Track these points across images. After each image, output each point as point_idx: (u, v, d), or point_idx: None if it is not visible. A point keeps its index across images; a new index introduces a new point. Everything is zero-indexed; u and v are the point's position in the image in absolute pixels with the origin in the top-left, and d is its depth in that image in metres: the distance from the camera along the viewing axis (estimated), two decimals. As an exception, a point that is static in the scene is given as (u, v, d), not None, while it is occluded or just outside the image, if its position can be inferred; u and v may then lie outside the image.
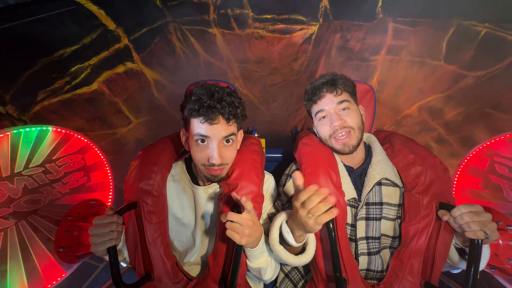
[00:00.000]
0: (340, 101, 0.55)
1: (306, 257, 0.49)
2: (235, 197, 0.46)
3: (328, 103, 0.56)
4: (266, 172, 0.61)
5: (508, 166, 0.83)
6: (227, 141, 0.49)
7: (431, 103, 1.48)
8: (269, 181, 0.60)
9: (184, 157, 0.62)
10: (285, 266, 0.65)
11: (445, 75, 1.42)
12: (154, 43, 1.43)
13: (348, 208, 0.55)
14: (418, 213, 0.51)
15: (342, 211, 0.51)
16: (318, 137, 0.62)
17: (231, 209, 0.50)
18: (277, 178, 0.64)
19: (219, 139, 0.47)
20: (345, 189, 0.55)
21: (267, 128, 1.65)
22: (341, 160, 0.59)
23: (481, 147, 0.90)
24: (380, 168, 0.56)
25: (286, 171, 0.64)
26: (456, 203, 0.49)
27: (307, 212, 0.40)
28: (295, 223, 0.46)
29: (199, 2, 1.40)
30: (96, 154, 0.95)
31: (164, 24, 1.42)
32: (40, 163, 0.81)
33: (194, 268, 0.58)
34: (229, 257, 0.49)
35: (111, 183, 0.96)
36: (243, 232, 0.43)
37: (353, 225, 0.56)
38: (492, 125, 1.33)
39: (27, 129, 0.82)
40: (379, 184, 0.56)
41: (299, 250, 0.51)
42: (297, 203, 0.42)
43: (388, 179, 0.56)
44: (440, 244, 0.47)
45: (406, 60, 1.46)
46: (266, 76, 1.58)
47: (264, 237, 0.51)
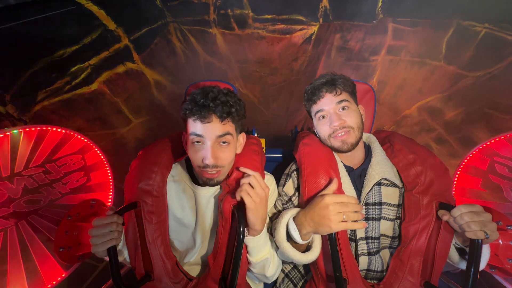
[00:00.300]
0: (340, 101, 0.55)
1: (313, 255, 0.49)
2: (244, 171, 0.49)
3: (328, 103, 0.56)
4: (267, 173, 0.61)
5: (508, 166, 0.83)
6: (223, 142, 0.48)
7: (431, 103, 1.48)
8: (270, 182, 0.60)
9: (185, 157, 0.62)
10: (285, 266, 0.65)
11: (445, 75, 1.43)
12: (154, 43, 1.43)
13: (348, 208, 0.56)
14: (418, 213, 0.51)
15: None
16: (318, 137, 0.62)
17: (232, 209, 0.50)
18: (277, 178, 0.64)
19: (213, 139, 0.46)
20: (345, 189, 0.55)
21: (267, 128, 1.65)
22: (341, 160, 0.59)
23: (481, 147, 0.90)
24: (380, 169, 0.56)
25: (286, 171, 0.64)
26: (456, 203, 0.49)
27: (339, 212, 0.44)
28: (308, 219, 0.47)
29: (199, 2, 1.41)
30: (96, 154, 0.95)
31: (164, 24, 1.42)
32: (40, 163, 0.81)
33: (194, 268, 0.59)
34: (229, 257, 0.49)
35: (111, 183, 0.96)
36: (255, 198, 0.46)
37: (353, 225, 0.56)
38: (492, 125, 1.33)
39: (27, 129, 0.82)
40: (379, 185, 0.57)
41: (305, 248, 0.51)
42: (331, 200, 0.45)
43: (388, 180, 0.56)
44: (440, 244, 0.47)
45: (406, 60, 1.47)
46: (266, 76, 1.58)
47: (267, 234, 0.51)
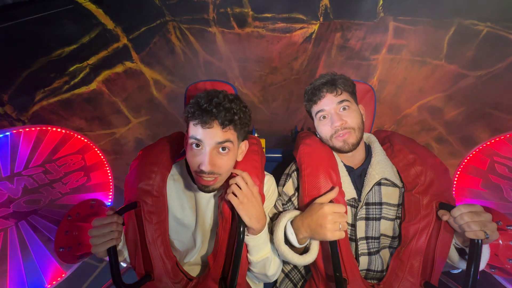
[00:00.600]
0: (340, 101, 0.55)
1: (311, 257, 0.49)
2: (234, 173, 0.49)
3: (328, 103, 0.56)
4: (267, 173, 0.60)
5: (508, 166, 0.83)
6: (223, 149, 0.46)
7: (432, 103, 1.48)
8: (270, 182, 0.60)
9: (185, 157, 0.62)
10: (285, 266, 0.65)
11: (446, 75, 1.42)
12: (153, 43, 1.42)
13: (348, 208, 0.56)
14: (418, 213, 0.51)
15: None
16: (319, 137, 0.62)
17: (231, 209, 0.50)
18: (277, 178, 0.64)
19: (212, 145, 0.45)
20: (345, 189, 0.55)
21: (267, 128, 1.64)
22: (341, 160, 0.59)
23: (481, 147, 0.90)
24: (380, 168, 0.56)
25: (286, 171, 0.64)
26: (456, 203, 0.49)
27: (336, 222, 0.45)
28: (305, 225, 0.47)
29: (199, 1, 1.40)
30: (96, 154, 0.95)
31: (163, 23, 1.41)
32: (40, 163, 0.81)
33: (194, 268, 0.59)
34: (229, 257, 0.49)
35: (111, 183, 0.96)
36: (242, 198, 0.46)
37: (353, 225, 0.56)
38: (493, 125, 1.33)
39: (27, 129, 0.82)
40: (379, 184, 0.57)
41: (303, 250, 0.51)
42: (330, 209, 0.46)
43: (388, 179, 0.56)
44: (440, 244, 0.47)
45: (407, 60, 1.46)
46: (266, 75, 1.57)
47: (268, 234, 0.51)
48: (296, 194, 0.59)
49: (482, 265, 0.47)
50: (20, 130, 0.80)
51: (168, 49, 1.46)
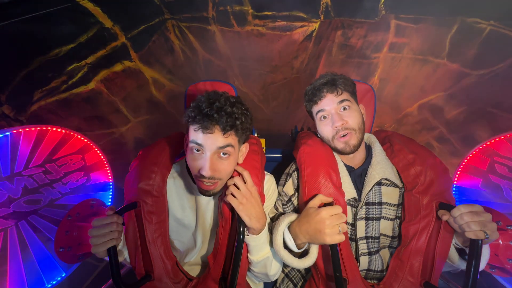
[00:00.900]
0: (341, 101, 0.55)
1: (310, 260, 0.50)
2: (236, 171, 0.49)
3: (329, 103, 0.55)
4: (267, 173, 0.60)
5: (508, 166, 0.82)
6: (223, 154, 0.46)
7: (433, 102, 1.47)
8: (270, 182, 0.60)
9: (185, 157, 0.61)
10: (286, 266, 0.65)
11: (448, 74, 1.41)
12: (152, 41, 1.41)
13: (349, 208, 0.56)
14: (418, 213, 0.51)
15: (342, 211, 0.51)
16: (319, 137, 0.62)
17: (231, 210, 0.50)
18: (277, 178, 0.64)
19: (213, 150, 0.45)
20: (345, 189, 0.55)
21: (267, 127, 1.64)
22: (342, 160, 0.59)
23: (481, 147, 0.90)
24: (380, 169, 0.56)
25: (286, 171, 0.64)
26: (456, 203, 0.49)
27: (335, 225, 0.45)
28: (302, 231, 0.48)
29: (198, -1, 1.38)
30: (96, 154, 0.95)
31: (162, 22, 1.40)
32: (40, 163, 0.81)
33: (194, 268, 0.59)
34: (229, 257, 0.50)
35: (111, 183, 0.96)
36: (241, 199, 0.46)
37: (353, 225, 0.56)
38: (495, 125, 1.32)
39: (27, 129, 0.81)
40: (379, 184, 0.57)
41: (302, 253, 0.51)
42: (327, 213, 0.46)
43: (388, 179, 0.56)
44: (440, 244, 0.47)
45: (408, 58, 1.44)
46: (266, 74, 1.56)
47: (268, 234, 0.52)
48: (296, 194, 0.59)
49: (482, 266, 0.47)
50: (20, 130, 0.80)
51: (167, 48, 1.44)
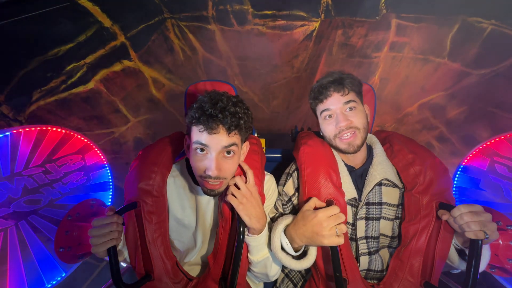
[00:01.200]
0: (347, 101, 0.54)
1: (308, 262, 0.49)
2: (240, 166, 0.50)
3: (335, 103, 0.55)
4: (267, 173, 0.60)
5: (508, 166, 0.82)
6: (228, 153, 0.46)
7: (433, 101, 1.46)
8: (270, 182, 0.60)
9: (185, 157, 0.61)
10: (285, 267, 0.65)
11: (449, 73, 1.40)
12: (152, 40, 1.40)
13: (349, 208, 0.56)
14: (418, 213, 0.51)
15: (342, 211, 0.51)
16: (322, 135, 0.61)
17: (231, 209, 0.50)
18: (277, 178, 0.64)
19: (218, 150, 0.45)
20: (346, 189, 0.55)
21: (267, 126, 1.63)
22: (342, 160, 0.59)
23: (481, 147, 0.90)
24: (381, 169, 0.56)
25: (287, 170, 0.64)
26: (456, 203, 0.49)
27: (332, 227, 0.44)
28: (299, 234, 0.47)
29: (197, -2, 1.37)
30: (96, 154, 0.95)
31: (162, 21, 1.39)
32: (40, 163, 0.81)
33: (194, 268, 0.59)
34: (229, 257, 0.50)
35: (111, 183, 0.96)
36: (241, 199, 0.47)
37: (353, 224, 0.56)
38: (495, 125, 1.31)
39: (27, 129, 0.81)
40: (379, 185, 0.56)
41: (301, 254, 0.51)
42: (324, 215, 0.45)
43: (389, 180, 0.56)
44: (440, 244, 0.47)
45: (409, 57, 1.44)
46: (266, 74, 1.56)
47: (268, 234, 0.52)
48: (296, 194, 0.59)
49: (482, 267, 0.47)
50: (20, 130, 0.80)
51: (167, 47, 1.44)
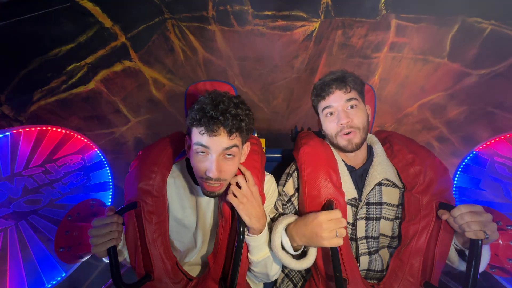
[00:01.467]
0: (349, 99, 0.55)
1: (308, 262, 0.50)
2: (240, 169, 0.50)
3: (337, 100, 0.55)
4: (267, 173, 0.60)
5: (508, 166, 0.83)
6: (229, 154, 0.46)
7: (433, 101, 1.47)
8: (270, 182, 0.60)
9: (185, 157, 0.61)
10: (286, 267, 0.65)
11: (448, 73, 1.40)
12: (152, 41, 1.41)
13: (349, 208, 0.56)
14: (418, 213, 0.51)
15: (342, 211, 0.51)
16: (323, 134, 0.61)
17: (231, 209, 0.50)
18: (277, 178, 0.64)
19: (219, 151, 0.45)
20: (346, 189, 0.55)
21: (267, 126, 1.64)
22: (343, 160, 0.59)
23: (481, 147, 0.90)
24: (382, 169, 0.56)
25: (287, 171, 0.64)
26: (456, 203, 0.49)
27: (332, 229, 0.44)
28: (299, 234, 0.48)
29: (198, -2, 1.37)
30: (96, 154, 0.95)
31: (162, 21, 1.39)
32: (40, 163, 0.81)
33: (194, 268, 0.59)
34: (229, 257, 0.50)
35: (111, 183, 0.96)
36: (241, 198, 0.47)
37: (354, 224, 0.56)
38: (495, 125, 1.32)
39: (27, 129, 0.81)
40: (380, 185, 0.57)
41: (300, 254, 0.51)
42: (325, 218, 0.45)
43: (389, 180, 0.56)
44: (440, 244, 0.47)
45: (409, 58, 1.44)
46: (266, 74, 1.56)
47: (268, 234, 0.52)
48: (296, 195, 0.59)
49: (482, 267, 0.47)
50: (20, 130, 0.80)
51: (167, 48, 1.44)
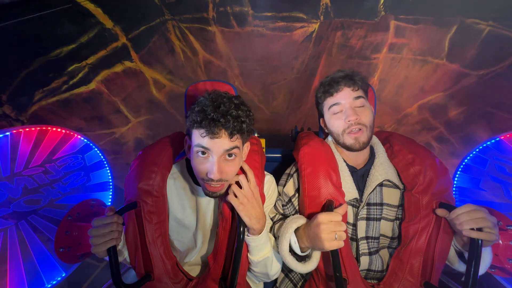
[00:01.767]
0: (357, 97, 0.55)
1: (311, 265, 0.50)
2: (242, 167, 0.50)
3: (345, 97, 0.55)
4: (267, 173, 0.60)
5: (508, 166, 0.83)
6: (229, 155, 0.46)
7: (433, 102, 1.47)
8: (270, 182, 0.60)
9: (185, 157, 0.61)
10: (285, 266, 0.65)
11: (447, 74, 1.41)
12: (153, 42, 1.41)
13: (350, 208, 0.56)
14: (418, 213, 0.51)
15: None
16: (328, 132, 0.61)
17: (231, 210, 0.50)
18: (277, 178, 0.64)
19: (220, 153, 0.45)
20: (347, 189, 0.55)
21: (267, 127, 1.64)
22: (344, 160, 0.59)
23: (481, 147, 0.90)
24: (383, 170, 0.56)
25: (287, 171, 0.63)
26: (456, 203, 0.49)
27: (331, 231, 0.44)
28: (306, 235, 0.48)
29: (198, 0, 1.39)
30: (96, 154, 0.95)
31: (163, 22, 1.40)
32: (40, 163, 0.81)
33: (194, 268, 0.59)
34: (229, 257, 0.50)
35: (111, 183, 0.96)
36: (242, 199, 0.47)
37: (354, 225, 0.56)
38: (494, 125, 1.32)
39: (27, 129, 0.82)
40: (381, 185, 0.57)
41: (305, 256, 0.51)
42: (323, 219, 0.45)
43: (390, 181, 0.56)
44: (440, 244, 0.47)
45: (408, 58, 1.45)
46: (266, 75, 1.57)
47: (268, 234, 0.52)
48: (297, 195, 0.59)
49: (483, 270, 0.47)
50: (20, 130, 0.80)
51: (168, 48, 1.45)
